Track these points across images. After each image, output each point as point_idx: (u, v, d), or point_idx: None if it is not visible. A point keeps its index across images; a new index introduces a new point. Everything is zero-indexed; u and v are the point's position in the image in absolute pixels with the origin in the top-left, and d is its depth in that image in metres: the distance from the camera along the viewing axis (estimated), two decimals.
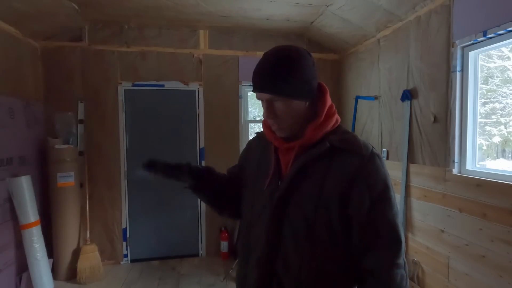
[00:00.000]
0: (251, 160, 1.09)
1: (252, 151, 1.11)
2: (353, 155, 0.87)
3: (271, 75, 0.86)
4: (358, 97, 3.61)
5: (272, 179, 0.95)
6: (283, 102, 0.88)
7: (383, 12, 2.85)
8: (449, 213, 2.35)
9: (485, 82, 2.61)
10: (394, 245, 0.85)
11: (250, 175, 1.05)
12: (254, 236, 0.97)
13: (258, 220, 0.96)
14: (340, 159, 0.87)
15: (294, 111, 0.89)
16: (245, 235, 1.02)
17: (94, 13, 3.19)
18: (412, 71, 2.73)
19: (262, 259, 0.92)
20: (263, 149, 1.04)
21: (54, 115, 3.31)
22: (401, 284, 0.84)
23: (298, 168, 0.89)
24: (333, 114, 0.95)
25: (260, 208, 0.96)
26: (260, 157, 1.04)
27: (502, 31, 1.95)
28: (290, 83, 0.86)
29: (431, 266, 2.55)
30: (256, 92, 0.90)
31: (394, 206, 0.87)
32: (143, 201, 3.69)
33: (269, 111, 0.89)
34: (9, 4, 2.56)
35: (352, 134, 0.95)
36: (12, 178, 2.76)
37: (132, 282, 3.18)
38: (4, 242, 2.71)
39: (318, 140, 0.90)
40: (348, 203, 0.85)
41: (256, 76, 0.89)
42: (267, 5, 3.06)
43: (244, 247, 1.02)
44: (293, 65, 0.87)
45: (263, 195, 0.96)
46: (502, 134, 2.79)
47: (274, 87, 0.86)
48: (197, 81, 3.76)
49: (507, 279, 1.90)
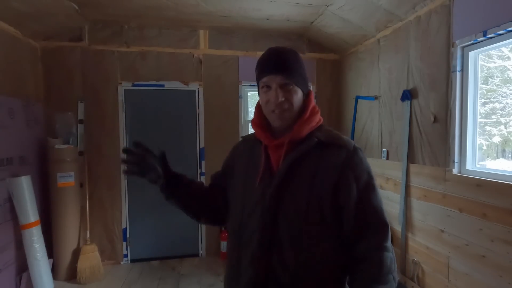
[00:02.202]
0: (238, 163, 1.09)
1: (238, 155, 1.12)
2: (339, 148, 0.94)
3: (284, 60, 0.94)
4: (358, 97, 3.61)
5: (263, 176, 0.96)
6: (292, 88, 0.94)
7: (383, 12, 2.85)
8: (449, 213, 2.35)
9: (485, 82, 2.61)
10: (382, 230, 0.92)
11: (239, 177, 1.05)
12: (246, 235, 0.96)
13: (250, 218, 0.96)
14: (328, 153, 0.94)
15: (298, 100, 0.96)
16: (235, 236, 1.01)
17: (94, 13, 3.19)
18: (412, 71, 2.73)
19: (256, 257, 0.92)
20: (250, 150, 1.06)
21: (54, 115, 3.31)
22: (391, 266, 0.90)
23: (289, 164, 0.93)
24: (317, 113, 1.01)
25: (252, 206, 0.96)
26: (249, 158, 1.05)
27: (502, 31, 1.95)
28: (297, 71, 0.95)
29: (431, 266, 2.55)
30: (270, 75, 0.94)
31: (378, 193, 0.95)
32: (143, 201, 3.69)
33: (281, 94, 0.93)
34: (9, 4, 2.56)
35: (335, 131, 1.02)
36: (12, 178, 2.76)
37: (132, 282, 3.18)
38: (4, 242, 2.71)
39: (305, 137, 0.96)
40: (339, 193, 0.91)
41: (268, 62, 0.96)
42: (267, 5, 3.06)
43: (235, 248, 1.01)
44: (297, 58, 0.98)
45: (255, 193, 0.96)
46: (502, 134, 2.79)
47: (287, 71, 0.93)
48: (197, 81, 3.76)
49: (507, 279, 1.90)
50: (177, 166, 1.08)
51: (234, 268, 0.99)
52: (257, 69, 0.99)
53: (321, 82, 4.03)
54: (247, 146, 1.09)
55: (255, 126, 1.04)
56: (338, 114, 4.10)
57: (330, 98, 4.07)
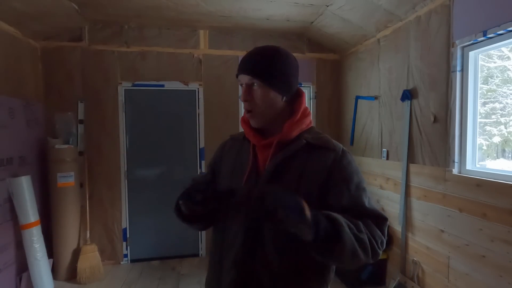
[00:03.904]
0: (225, 162, 1.07)
1: (226, 153, 1.09)
2: (327, 151, 0.94)
3: (255, 61, 0.94)
4: (358, 97, 3.61)
5: (250, 176, 0.95)
6: (261, 88, 0.93)
7: (383, 12, 2.85)
8: (449, 213, 2.35)
9: (485, 82, 2.60)
10: (380, 220, 0.90)
11: (225, 175, 1.04)
12: (229, 237, 0.94)
13: (234, 220, 0.94)
14: (316, 155, 0.94)
15: (270, 100, 0.95)
16: (217, 239, 1.00)
17: (94, 13, 3.19)
18: (412, 71, 2.73)
19: (239, 259, 0.91)
20: (238, 149, 1.05)
21: (54, 115, 3.31)
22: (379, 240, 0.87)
23: (276, 164, 0.93)
24: (308, 115, 1.02)
25: (236, 207, 0.94)
26: (236, 157, 1.03)
27: (502, 31, 1.95)
28: (271, 72, 0.93)
29: (431, 266, 2.55)
30: (239, 74, 0.96)
31: (370, 195, 0.95)
32: (143, 201, 3.69)
33: (246, 93, 0.94)
34: (9, 4, 2.56)
35: (325, 134, 1.02)
36: (12, 178, 2.76)
37: (132, 282, 3.18)
38: (4, 242, 2.71)
39: (294, 138, 0.96)
40: (327, 194, 0.90)
41: (241, 62, 0.97)
42: (267, 5, 3.06)
43: (216, 251, 0.99)
44: (277, 58, 0.95)
45: (242, 191, 0.94)
46: (502, 134, 2.79)
47: (255, 71, 0.93)
48: (197, 81, 3.76)
49: (507, 279, 1.90)
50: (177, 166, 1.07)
51: (215, 270, 0.98)
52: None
53: (321, 82, 4.03)
54: (235, 145, 1.08)
55: (245, 125, 1.03)
56: (338, 114, 4.10)
57: (330, 98, 4.07)
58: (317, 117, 4.04)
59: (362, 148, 3.56)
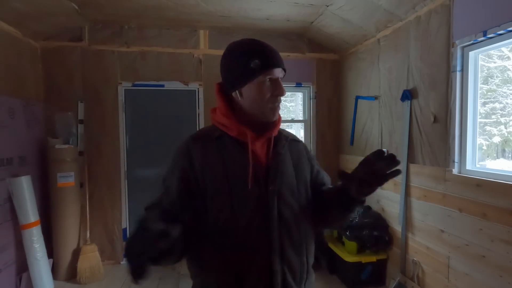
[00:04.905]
0: (207, 167, 0.92)
1: (199, 157, 0.93)
2: (297, 142, 1.09)
3: (278, 53, 0.96)
4: (358, 97, 3.61)
5: (257, 176, 0.92)
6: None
7: (383, 12, 2.85)
8: (449, 213, 2.34)
9: (485, 82, 2.61)
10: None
11: (217, 182, 0.91)
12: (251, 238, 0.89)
13: (252, 222, 0.89)
14: (294, 147, 1.06)
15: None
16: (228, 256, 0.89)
17: (94, 13, 3.19)
18: (412, 71, 2.73)
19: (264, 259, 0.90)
20: (219, 149, 0.94)
21: (54, 115, 3.31)
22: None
23: (280, 159, 0.98)
24: None
25: (251, 208, 0.90)
26: (224, 159, 0.93)
27: (502, 31, 1.95)
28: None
29: (431, 266, 2.55)
30: (277, 67, 0.94)
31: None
32: (143, 201, 3.67)
33: (282, 87, 0.96)
34: (9, 4, 2.56)
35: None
36: (12, 178, 2.76)
37: (132, 282, 3.17)
38: (4, 242, 2.71)
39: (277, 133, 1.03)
40: (315, 176, 1.09)
41: (272, 54, 0.94)
42: (267, 5, 3.06)
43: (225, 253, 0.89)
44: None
45: (251, 194, 0.90)
46: (502, 134, 2.79)
47: (283, 63, 0.96)
48: (197, 81, 3.76)
49: (507, 279, 1.90)
50: None
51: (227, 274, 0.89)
52: (255, 58, 0.89)
53: (321, 82, 4.03)
54: (207, 146, 0.94)
55: (229, 120, 0.95)
56: (338, 114, 4.10)
57: (330, 98, 4.07)
58: (317, 117, 4.04)
59: (362, 148, 3.56)
